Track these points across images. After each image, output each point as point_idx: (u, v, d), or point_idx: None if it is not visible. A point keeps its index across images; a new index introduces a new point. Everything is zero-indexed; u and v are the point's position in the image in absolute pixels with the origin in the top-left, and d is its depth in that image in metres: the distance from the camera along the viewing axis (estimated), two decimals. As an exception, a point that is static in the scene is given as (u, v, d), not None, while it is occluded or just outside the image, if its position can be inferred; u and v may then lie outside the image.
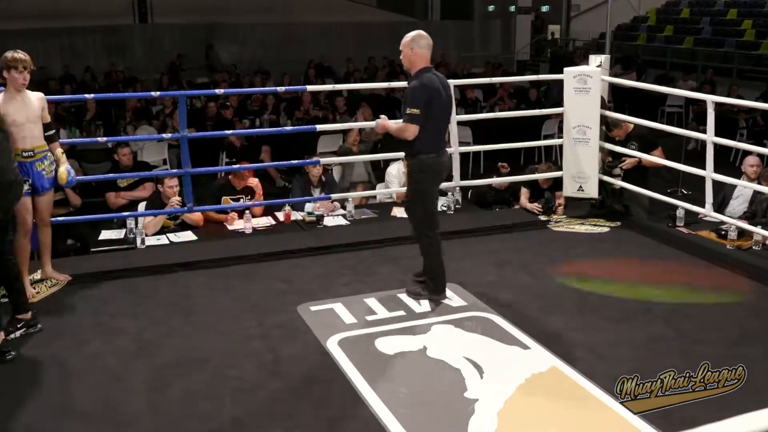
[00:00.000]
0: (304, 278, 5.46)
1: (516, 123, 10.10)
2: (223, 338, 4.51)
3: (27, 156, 4.90)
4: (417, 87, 4.76)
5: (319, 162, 7.14)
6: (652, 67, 17.79)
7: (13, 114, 4.81)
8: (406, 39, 4.90)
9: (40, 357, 4.29)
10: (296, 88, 10.40)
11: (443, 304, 4.96)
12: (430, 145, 4.81)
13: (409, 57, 4.87)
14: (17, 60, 4.81)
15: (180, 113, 6.16)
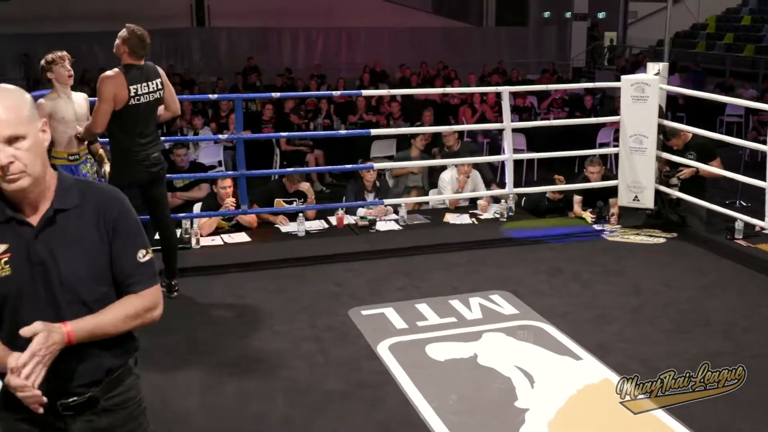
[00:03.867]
0: (356, 282, 5.49)
1: (571, 131, 10.02)
2: (276, 339, 4.57)
3: (73, 159, 5.02)
4: None
5: (373, 167, 7.16)
6: (712, 75, 17.44)
7: (61, 111, 4.93)
8: None
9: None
10: (351, 93, 10.47)
11: (495, 311, 4.94)
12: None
13: None
14: (57, 57, 4.96)
15: (236, 116, 6.25)
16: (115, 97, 4.65)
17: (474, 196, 7.35)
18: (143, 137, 4.80)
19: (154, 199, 5.01)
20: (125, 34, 4.76)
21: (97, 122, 4.70)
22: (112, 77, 4.65)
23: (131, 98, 4.67)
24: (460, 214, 7.14)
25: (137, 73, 4.75)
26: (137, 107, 4.71)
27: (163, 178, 5.04)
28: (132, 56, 4.76)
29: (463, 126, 11.33)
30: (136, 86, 4.70)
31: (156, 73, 4.90)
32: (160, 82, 4.90)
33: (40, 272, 2.07)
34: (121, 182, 4.74)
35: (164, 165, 5.02)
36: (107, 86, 4.64)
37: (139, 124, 4.76)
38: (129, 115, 4.69)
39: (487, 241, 6.41)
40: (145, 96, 4.76)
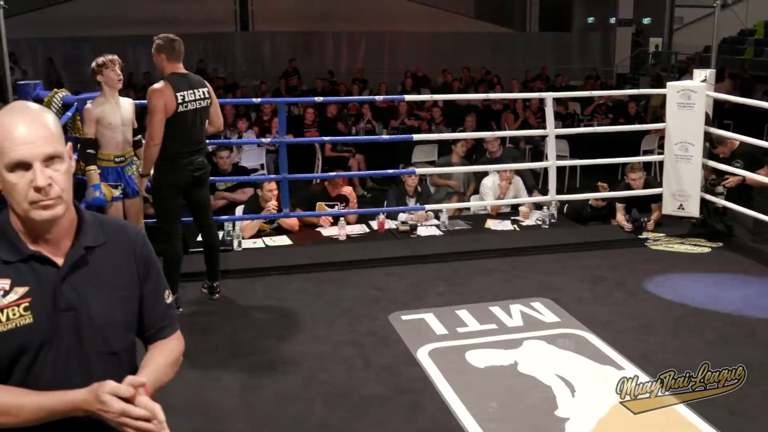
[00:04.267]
0: (396, 287, 5.50)
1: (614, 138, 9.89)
2: (316, 342, 4.59)
3: (119, 161, 5.12)
4: None
5: (415, 172, 7.17)
6: (761, 83, 17.09)
7: (108, 116, 5.02)
8: None
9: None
10: (394, 98, 10.48)
11: (536, 319, 4.91)
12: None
13: None
14: (107, 61, 5.03)
15: (279, 119, 6.32)
16: (165, 107, 4.72)
17: (516, 202, 7.31)
18: (190, 144, 4.87)
19: (197, 201, 5.08)
20: (158, 43, 4.84)
21: (153, 134, 4.73)
22: (160, 89, 4.73)
23: (179, 105, 4.74)
24: (502, 221, 7.10)
25: (182, 81, 4.82)
26: (185, 114, 4.78)
27: (207, 182, 5.11)
28: (170, 61, 4.83)
29: (505, 132, 11.29)
30: (182, 93, 4.77)
31: (202, 82, 4.97)
32: (207, 91, 4.96)
33: (69, 320, 1.77)
34: (165, 184, 4.84)
35: (207, 169, 5.08)
36: (157, 98, 4.70)
37: (186, 131, 4.82)
38: (177, 122, 4.76)
39: (528, 247, 6.37)
40: (192, 103, 4.82)
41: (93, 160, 4.97)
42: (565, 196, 7.36)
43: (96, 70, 5.04)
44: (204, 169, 5.00)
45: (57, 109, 5.71)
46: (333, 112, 11.87)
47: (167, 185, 4.87)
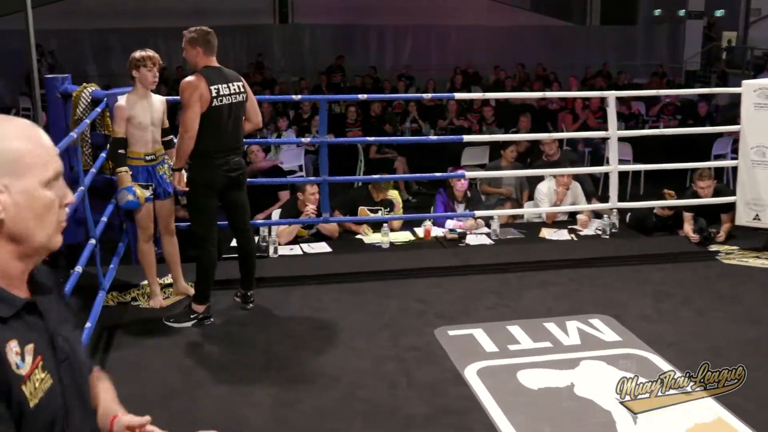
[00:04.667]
0: (442, 299, 5.49)
1: (682, 140, 9.77)
2: (355, 356, 4.60)
3: (150, 160, 5.16)
4: None
5: (464, 176, 7.15)
6: None
7: (139, 116, 5.07)
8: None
9: (166, 364, 4.52)
10: (442, 96, 10.49)
11: (595, 337, 4.85)
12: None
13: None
14: (146, 57, 5.03)
15: (320, 118, 6.35)
16: (200, 100, 4.77)
17: (574, 210, 7.25)
18: (226, 141, 4.91)
19: (233, 204, 5.13)
20: (191, 36, 4.88)
21: (188, 126, 4.75)
22: (193, 81, 4.77)
23: (213, 99, 4.78)
24: (558, 230, 7.05)
25: (216, 74, 4.88)
26: (220, 109, 4.82)
27: (243, 184, 5.15)
28: (206, 54, 4.88)
29: (562, 134, 11.21)
30: (217, 86, 4.81)
31: (237, 77, 5.03)
32: (242, 85, 5.01)
33: (68, 371, 1.61)
34: (199, 185, 4.89)
35: (244, 170, 5.13)
36: (190, 92, 4.74)
37: (221, 128, 4.86)
38: (212, 117, 4.80)
39: (587, 259, 6.31)
40: (227, 98, 4.86)
41: (124, 160, 5.03)
42: (627, 204, 7.28)
43: (132, 65, 5.06)
44: (241, 169, 5.05)
45: (86, 105, 5.82)
46: (377, 110, 11.93)
47: (201, 186, 4.92)
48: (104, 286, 5.07)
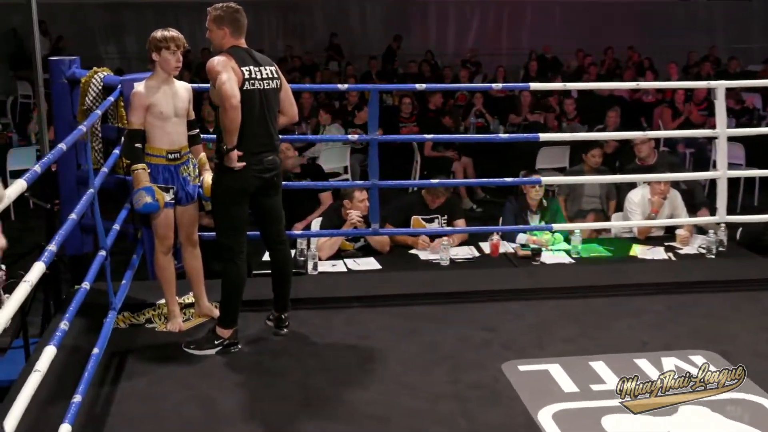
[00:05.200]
0: (512, 328, 5.47)
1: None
2: (407, 394, 4.59)
3: (172, 158, 5.17)
4: None
5: (540, 181, 7.12)
6: None
7: (160, 104, 5.09)
8: None
9: (185, 397, 4.57)
10: (515, 86, 10.46)
11: (696, 376, 4.79)
12: None
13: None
14: (169, 38, 5.05)
15: (370, 111, 6.33)
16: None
17: (672, 223, 7.17)
18: (258, 135, 4.94)
19: (265, 210, 5.18)
20: (217, 14, 4.93)
21: (228, 95, 4.69)
22: (222, 59, 4.82)
23: (245, 82, 4.83)
24: (652, 247, 6.99)
25: (246, 56, 4.93)
26: (251, 94, 4.86)
27: (278, 186, 5.19)
28: (234, 36, 4.94)
29: (659, 132, 11.11)
30: (248, 68, 4.86)
31: (269, 61, 5.08)
32: (275, 70, 5.06)
33: None
34: (226, 188, 4.94)
35: (279, 171, 5.17)
36: (222, 63, 4.78)
37: (253, 118, 4.89)
38: (243, 104, 4.81)
39: (688, 283, 6.23)
40: (260, 83, 4.91)
41: (141, 156, 5.07)
42: (738, 218, 7.17)
43: (153, 46, 5.08)
44: (276, 169, 5.08)
45: (96, 93, 5.92)
46: (437, 103, 11.95)
47: (229, 189, 4.97)
48: (115, 305, 5.12)
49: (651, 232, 7.29)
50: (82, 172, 6.01)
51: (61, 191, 6.12)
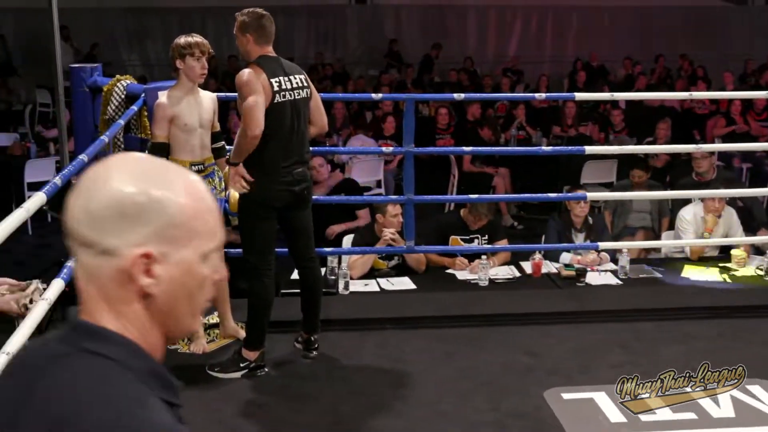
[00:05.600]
0: (555, 353, 5.46)
1: None
2: (444, 422, 4.59)
3: (196, 170, 5.17)
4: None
5: (586, 197, 7.09)
6: None
7: (185, 116, 5.15)
8: None
9: (209, 422, 4.59)
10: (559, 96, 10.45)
11: (756, 410, 4.74)
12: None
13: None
14: (193, 44, 5.11)
15: (405, 122, 6.38)
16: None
17: (727, 243, 7.12)
18: (288, 147, 4.98)
19: (295, 226, 5.21)
20: (242, 20, 4.97)
21: (252, 119, 4.78)
22: (251, 71, 4.86)
23: (275, 94, 4.87)
24: (706, 268, 6.94)
25: (275, 65, 4.97)
26: (282, 107, 4.90)
27: (309, 201, 5.23)
28: (259, 43, 4.97)
29: (714, 145, 11.01)
30: (278, 80, 4.90)
31: (297, 68, 5.13)
32: (305, 79, 5.11)
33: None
34: (254, 202, 4.97)
35: (310, 184, 5.21)
36: (251, 80, 4.81)
37: (283, 130, 4.94)
38: (272, 116, 4.87)
39: (745, 307, 6.20)
40: (290, 93, 4.94)
41: None
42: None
43: (176, 53, 5.13)
44: (306, 183, 5.12)
45: (119, 102, 5.98)
46: (475, 113, 11.93)
47: (257, 203, 5.00)
48: (135, 324, 5.14)
49: (704, 252, 7.24)
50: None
51: (81, 205, 6.17)
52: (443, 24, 20.49)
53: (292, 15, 19.12)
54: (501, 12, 20.79)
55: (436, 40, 18.99)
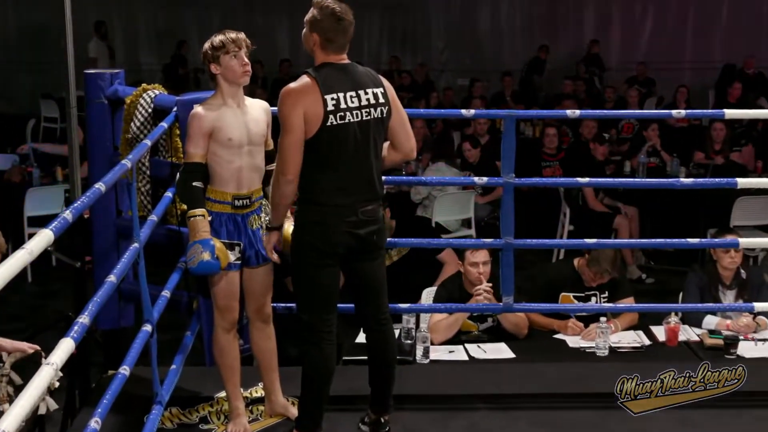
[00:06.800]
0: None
1: None
2: None
3: (239, 205, 5.18)
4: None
5: (738, 244, 7.02)
6: None
7: (229, 129, 5.09)
8: None
9: None
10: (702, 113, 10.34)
11: None
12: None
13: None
14: (225, 41, 5.09)
15: (504, 145, 6.31)
16: (306, 118, 4.82)
17: None
18: (351, 182, 4.95)
19: (362, 278, 5.18)
20: (313, 15, 4.93)
21: (285, 165, 4.83)
22: (296, 91, 4.84)
23: (329, 116, 4.82)
24: None
25: (338, 77, 4.91)
26: (340, 130, 4.85)
27: (380, 248, 5.18)
28: (327, 48, 4.94)
29: None
30: (335, 96, 4.84)
31: (375, 79, 5.05)
32: (383, 93, 5.02)
33: None
34: (308, 249, 4.95)
35: (381, 226, 5.13)
36: (291, 106, 4.81)
37: (345, 160, 4.91)
38: (327, 143, 4.86)
39: None
40: (355, 113, 4.88)
41: (201, 198, 5.11)
42: None
43: (208, 58, 5.15)
44: (375, 225, 5.04)
45: (145, 117, 6.02)
46: (591, 133, 11.85)
47: (313, 249, 4.98)
48: (161, 397, 5.17)
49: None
50: (123, 221, 6.10)
51: (94, 245, 6.24)
52: (553, 21, 20.41)
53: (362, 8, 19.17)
54: (628, 4, 20.62)
55: (544, 40, 18.94)
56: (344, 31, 4.93)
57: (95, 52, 16.48)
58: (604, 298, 7.03)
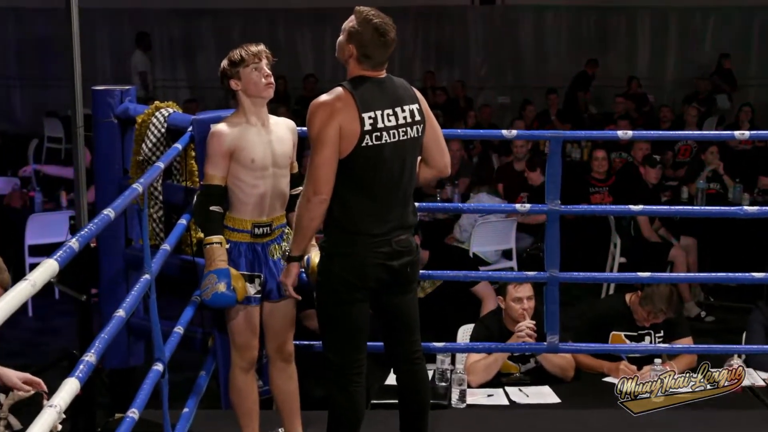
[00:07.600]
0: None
1: None
2: None
3: (259, 234, 5.19)
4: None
5: (807, 280, 7.01)
6: None
7: (252, 149, 5.09)
8: None
9: None
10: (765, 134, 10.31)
11: None
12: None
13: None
14: (245, 54, 5.12)
15: (549, 170, 6.32)
16: (340, 135, 4.77)
17: None
18: (384, 208, 4.93)
19: (393, 314, 5.16)
20: (353, 25, 4.88)
21: (316, 184, 4.78)
22: (331, 104, 4.79)
23: (365, 135, 4.79)
24: None
25: (375, 93, 4.88)
26: (377, 151, 4.83)
27: (413, 281, 5.16)
28: (364, 63, 4.90)
29: None
30: (373, 114, 4.80)
31: (411, 94, 5.03)
32: (419, 109, 5.00)
33: None
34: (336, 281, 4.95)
35: (415, 257, 5.10)
36: (326, 119, 4.76)
37: (379, 183, 4.89)
38: (361, 165, 4.84)
39: None
40: (392, 132, 4.84)
41: (219, 224, 5.13)
42: None
43: (227, 74, 5.18)
44: (410, 256, 5.01)
45: (158, 137, 6.04)
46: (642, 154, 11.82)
47: (341, 282, 4.96)
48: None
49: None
50: (133, 251, 6.12)
51: (102, 277, 6.26)
52: (603, 32, 20.36)
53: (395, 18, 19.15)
54: (686, 15, 20.51)
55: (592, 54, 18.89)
56: (385, 48, 4.89)
57: (143, 66, 16.53)
58: (659, 337, 7.00)
